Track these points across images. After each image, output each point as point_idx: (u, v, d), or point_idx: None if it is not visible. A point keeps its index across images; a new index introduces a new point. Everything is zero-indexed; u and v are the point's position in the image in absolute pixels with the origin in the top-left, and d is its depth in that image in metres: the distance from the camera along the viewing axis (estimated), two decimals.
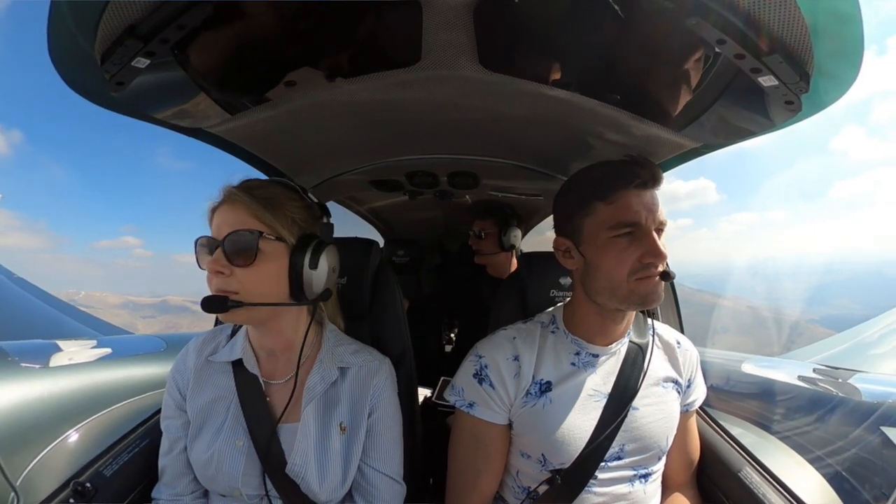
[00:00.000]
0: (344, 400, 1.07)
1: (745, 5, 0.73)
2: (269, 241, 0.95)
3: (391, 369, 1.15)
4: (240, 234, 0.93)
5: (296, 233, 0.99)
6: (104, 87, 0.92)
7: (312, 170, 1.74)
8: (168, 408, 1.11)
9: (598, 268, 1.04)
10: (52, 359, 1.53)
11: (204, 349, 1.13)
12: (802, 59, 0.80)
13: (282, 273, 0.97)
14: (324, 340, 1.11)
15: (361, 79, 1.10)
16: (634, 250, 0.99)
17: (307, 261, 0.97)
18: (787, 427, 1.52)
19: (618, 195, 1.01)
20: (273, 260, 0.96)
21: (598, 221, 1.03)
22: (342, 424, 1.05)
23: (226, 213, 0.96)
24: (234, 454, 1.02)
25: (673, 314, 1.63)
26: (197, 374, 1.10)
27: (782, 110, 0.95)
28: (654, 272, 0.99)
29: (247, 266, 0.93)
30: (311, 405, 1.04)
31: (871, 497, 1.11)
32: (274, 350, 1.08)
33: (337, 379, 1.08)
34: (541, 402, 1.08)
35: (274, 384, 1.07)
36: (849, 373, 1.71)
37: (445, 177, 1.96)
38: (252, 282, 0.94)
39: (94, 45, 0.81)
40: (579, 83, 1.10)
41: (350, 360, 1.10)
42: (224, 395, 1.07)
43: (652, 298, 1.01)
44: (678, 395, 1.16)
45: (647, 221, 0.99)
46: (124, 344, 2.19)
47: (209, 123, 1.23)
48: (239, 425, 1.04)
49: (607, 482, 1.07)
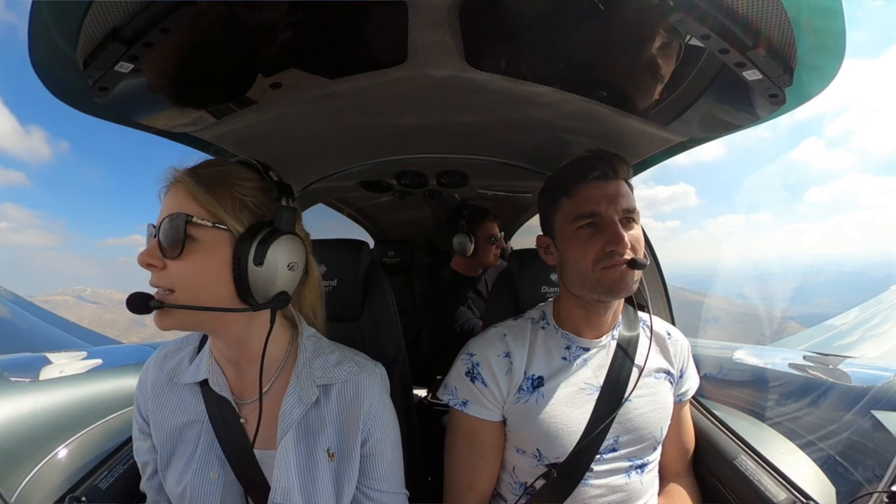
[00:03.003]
0: (329, 424, 0.92)
1: (729, 1, 0.74)
2: (202, 227, 0.78)
3: (382, 379, 1.00)
4: (170, 218, 0.78)
5: (246, 219, 0.81)
6: (87, 93, 0.90)
7: (300, 172, 1.73)
8: (134, 430, 1.00)
9: (568, 260, 1.08)
10: (43, 372, 1.50)
11: (165, 364, 0.98)
12: (786, 52, 0.81)
13: (222, 268, 0.79)
14: (299, 350, 0.94)
15: (348, 79, 1.09)
16: (597, 240, 1.02)
17: (251, 254, 0.79)
18: (778, 414, 1.55)
19: (577, 189, 1.05)
20: (209, 251, 0.79)
21: (564, 216, 1.08)
22: (329, 451, 0.91)
23: (168, 198, 0.82)
24: (208, 489, 0.89)
25: (664, 306, 1.65)
26: (156, 395, 0.96)
27: (767, 103, 0.96)
28: (618, 260, 1.00)
29: (177, 258, 0.77)
30: (290, 433, 0.89)
31: (864, 479, 1.13)
32: (239, 363, 0.91)
33: (319, 398, 0.92)
34: (533, 397, 1.08)
35: (248, 403, 0.92)
36: (838, 359, 1.74)
37: (434, 176, 1.96)
38: (184, 276, 0.78)
39: (77, 50, 0.80)
40: (565, 80, 1.11)
41: (333, 374, 0.94)
42: (193, 420, 0.93)
43: (620, 287, 1.02)
44: (671, 385, 1.17)
45: (607, 211, 1.02)
46: (114, 354, 2.16)
47: (195, 128, 1.22)
48: (213, 454, 0.90)
49: (603, 474, 1.08)
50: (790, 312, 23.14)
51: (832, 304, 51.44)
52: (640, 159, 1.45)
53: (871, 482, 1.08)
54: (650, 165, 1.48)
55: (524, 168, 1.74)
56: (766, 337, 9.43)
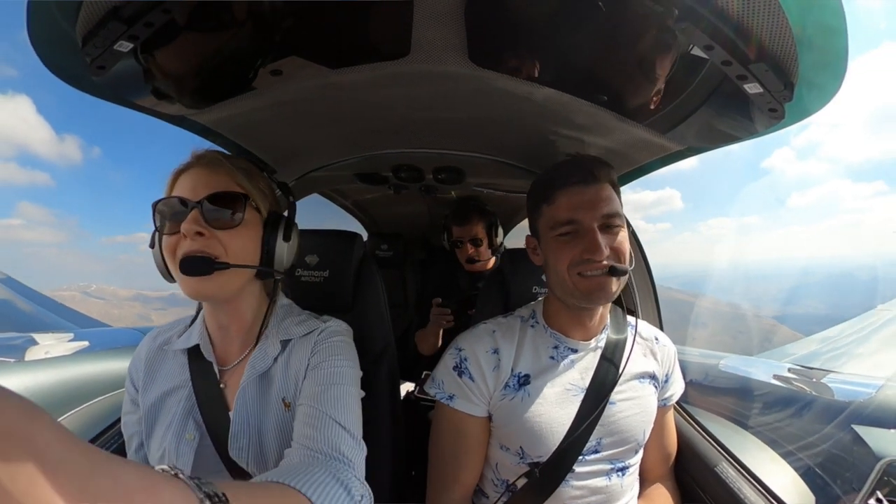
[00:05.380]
0: (282, 370, 0.98)
1: (735, 13, 0.74)
2: (251, 208, 0.94)
3: (340, 326, 1.06)
4: (225, 195, 0.90)
5: (265, 207, 0.99)
6: (85, 71, 0.89)
7: (297, 160, 1.72)
8: (125, 403, 1.07)
9: (549, 264, 1.10)
10: (28, 353, 1.49)
11: (159, 338, 1.09)
12: (788, 68, 0.81)
13: (257, 243, 0.96)
14: (272, 315, 1.04)
15: (349, 70, 1.08)
16: (574, 246, 1.03)
17: (281, 233, 0.98)
18: (761, 423, 1.57)
19: (557, 195, 1.07)
20: (252, 227, 0.95)
21: (544, 222, 1.10)
22: (284, 399, 0.96)
23: (204, 175, 0.92)
24: (183, 448, 0.94)
25: (652, 310, 1.66)
26: (149, 364, 1.05)
27: (766, 117, 0.96)
28: (595, 266, 1.01)
29: (229, 229, 0.90)
30: (251, 384, 0.97)
31: (842, 491, 1.15)
32: (229, 328, 1.01)
33: (278, 353, 1.00)
34: (519, 395, 1.09)
35: (228, 370, 1.01)
36: (822, 373, 1.76)
37: (431, 172, 1.96)
38: (235, 245, 0.91)
39: (76, 27, 0.79)
40: (567, 82, 1.10)
41: (294, 330, 1.02)
42: (179, 386, 1.01)
43: (597, 295, 1.03)
44: (655, 389, 1.18)
45: (585, 218, 1.02)
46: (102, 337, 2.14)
47: (193, 111, 1.21)
48: (190, 417, 0.97)
49: (585, 476, 1.08)
50: (777, 312, 23.53)
51: (818, 304, 52.11)
52: (637, 166, 1.45)
53: (849, 494, 1.10)
54: (646, 172, 1.49)
55: (521, 168, 1.74)
56: (753, 336, 9.59)
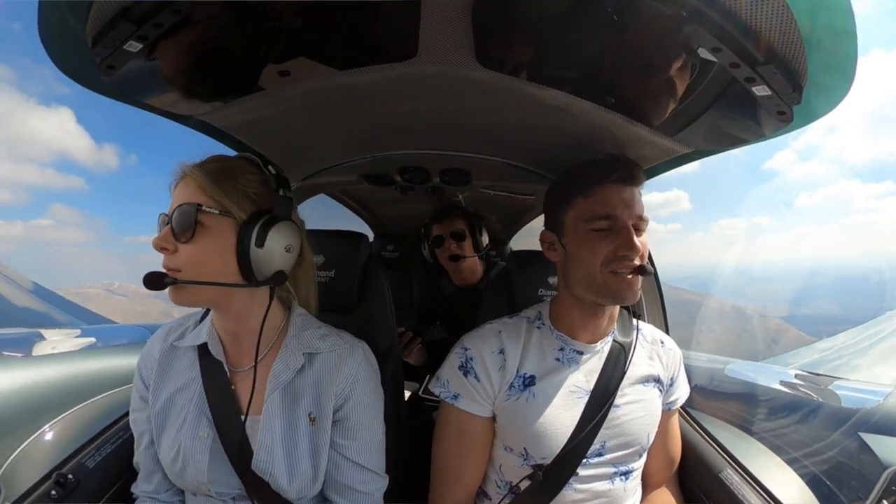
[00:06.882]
0: (310, 389, 1.00)
1: (743, 15, 0.73)
2: (210, 214, 0.89)
3: (366, 354, 1.08)
4: (182, 207, 0.88)
5: (248, 208, 0.92)
6: (95, 71, 0.90)
7: (304, 161, 1.73)
8: (134, 400, 1.08)
9: (576, 259, 1.07)
10: (35, 348, 1.50)
11: (170, 335, 1.09)
12: (796, 70, 0.81)
13: (227, 251, 0.90)
14: (290, 325, 1.04)
15: (357, 71, 1.09)
16: (609, 242, 1.02)
17: (253, 238, 0.90)
18: (767, 429, 1.55)
19: (596, 189, 1.05)
20: (216, 235, 0.90)
21: (577, 214, 1.07)
22: (311, 415, 0.99)
23: (178, 190, 0.92)
24: (198, 446, 0.96)
25: (658, 313, 1.65)
26: (161, 362, 1.05)
27: (774, 120, 0.96)
28: (628, 265, 1.01)
29: (187, 242, 0.88)
30: (276, 395, 0.99)
31: (848, 500, 1.14)
32: (238, 335, 1.01)
33: (304, 366, 1.01)
34: (524, 395, 1.09)
35: (240, 372, 1.02)
36: (829, 379, 1.75)
37: (437, 173, 1.95)
38: (193, 258, 0.88)
39: (86, 27, 0.80)
40: (574, 84, 1.10)
41: (318, 344, 1.03)
42: (188, 384, 1.02)
43: (626, 294, 1.03)
44: (660, 393, 1.18)
45: (623, 215, 1.02)
46: (108, 333, 2.16)
47: (202, 111, 1.22)
48: (203, 415, 0.98)
49: (588, 479, 1.08)
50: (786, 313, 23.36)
51: (829, 305, 51.56)
52: (645, 168, 1.44)
53: (855, 503, 1.09)
54: (654, 175, 1.48)
55: (528, 170, 1.74)
56: (760, 337, 9.55)
